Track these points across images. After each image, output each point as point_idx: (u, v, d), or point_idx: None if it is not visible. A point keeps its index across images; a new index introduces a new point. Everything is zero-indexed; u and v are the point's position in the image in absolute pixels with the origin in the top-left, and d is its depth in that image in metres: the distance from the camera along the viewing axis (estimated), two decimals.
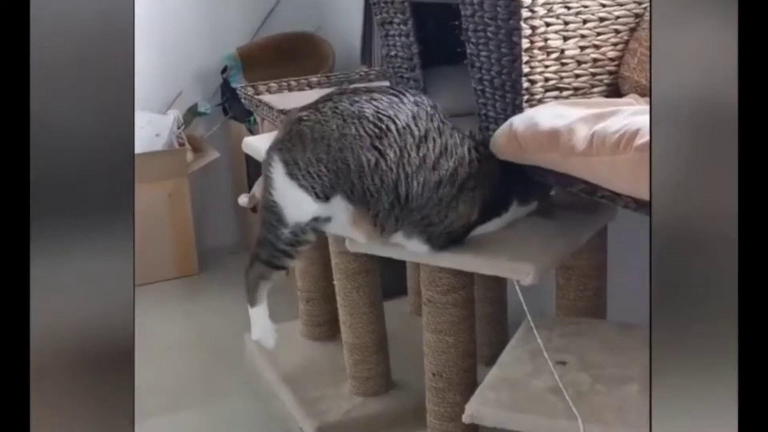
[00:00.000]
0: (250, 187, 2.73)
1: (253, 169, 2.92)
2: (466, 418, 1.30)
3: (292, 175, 1.41)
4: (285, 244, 1.47)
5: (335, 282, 2.02)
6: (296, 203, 1.43)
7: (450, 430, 1.72)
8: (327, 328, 2.35)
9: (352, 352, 2.02)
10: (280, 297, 2.75)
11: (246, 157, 3.04)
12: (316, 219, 1.45)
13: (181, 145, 3.01)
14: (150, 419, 2.08)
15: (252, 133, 2.81)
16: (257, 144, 1.97)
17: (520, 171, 1.44)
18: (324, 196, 1.41)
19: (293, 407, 2.05)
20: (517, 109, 1.58)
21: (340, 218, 1.45)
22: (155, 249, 2.96)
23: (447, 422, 1.72)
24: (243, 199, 2.66)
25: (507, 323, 2.14)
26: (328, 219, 1.46)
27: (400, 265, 2.46)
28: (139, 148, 2.94)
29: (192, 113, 3.09)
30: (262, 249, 1.51)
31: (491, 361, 1.86)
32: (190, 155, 3.02)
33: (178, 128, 3.02)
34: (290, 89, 2.45)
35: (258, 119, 2.60)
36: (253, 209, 3.01)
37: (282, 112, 2.13)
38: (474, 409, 1.30)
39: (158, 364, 2.37)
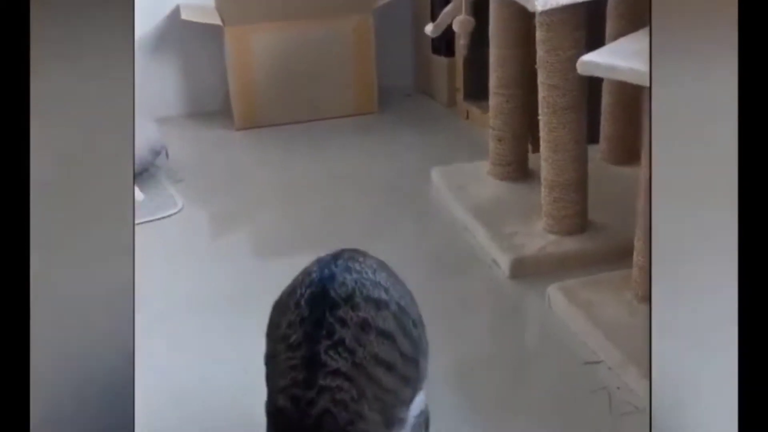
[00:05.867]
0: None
1: (438, 4, 2.85)
2: None
3: None
4: None
5: (540, 117, 1.97)
6: None
7: None
8: (515, 168, 2.33)
9: (552, 189, 1.99)
10: (465, 137, 2.78)
11: None
12: None
13: None
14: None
15: None
16: None
17: None
18: None
19: (486, 240, 2.07)
20: None
21: None
22: (337, 84, 2.97)
23: None
24: (429, 27, 2.62)
25: None
26: None
27: (592, 111, 2.39)
28: None
29: None
30: None
31: None
32: None
33: None
34: None
35: None
36: (434, 46, 2.97)
37: None
38: None
39: (341, 198, 2.43)
